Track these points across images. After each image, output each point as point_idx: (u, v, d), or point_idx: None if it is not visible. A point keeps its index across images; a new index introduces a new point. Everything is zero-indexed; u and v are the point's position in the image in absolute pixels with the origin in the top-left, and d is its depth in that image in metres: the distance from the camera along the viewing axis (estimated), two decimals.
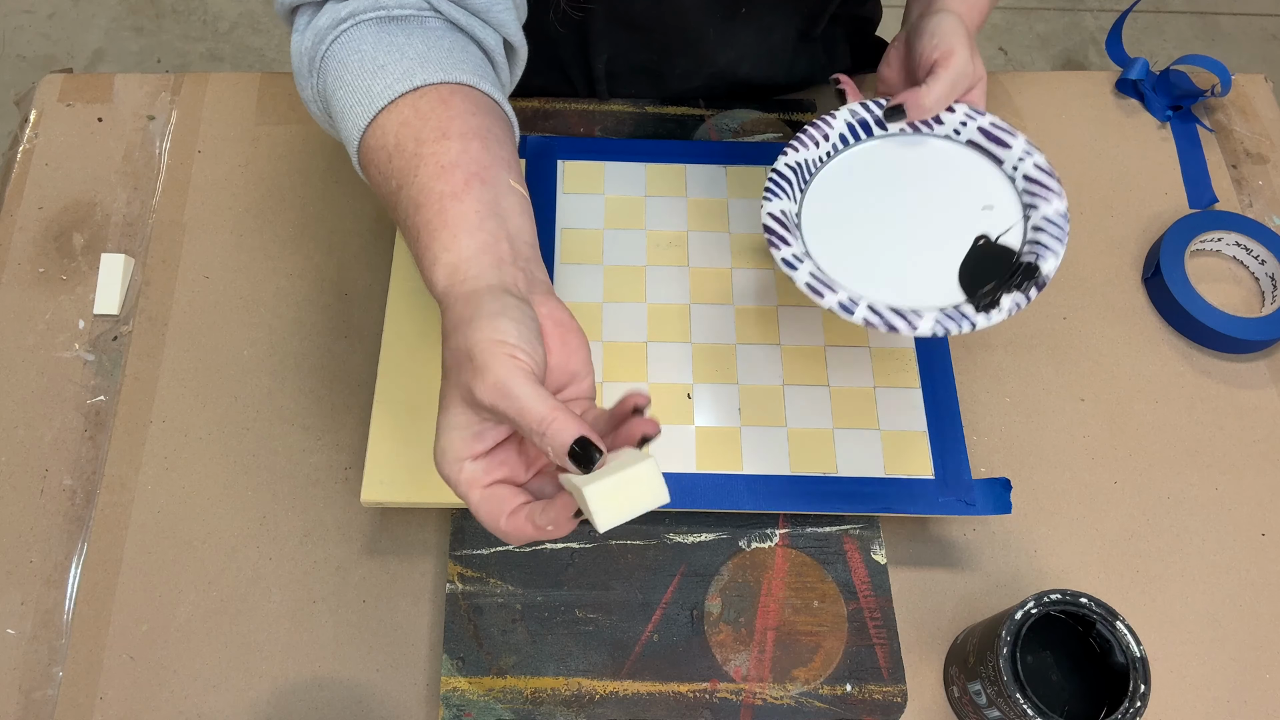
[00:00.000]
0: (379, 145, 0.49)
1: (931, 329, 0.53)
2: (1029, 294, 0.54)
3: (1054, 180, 0.57)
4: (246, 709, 0.58)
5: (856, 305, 0.53)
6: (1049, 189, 0.57)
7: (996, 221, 0.58)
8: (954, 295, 0.55)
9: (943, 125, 0.60)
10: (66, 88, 0.77)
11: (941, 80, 0.58)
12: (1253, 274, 0.75)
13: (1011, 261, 0.56)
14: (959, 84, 0.58)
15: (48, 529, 0.62)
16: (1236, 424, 0.69)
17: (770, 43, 0.74)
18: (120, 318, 0.69)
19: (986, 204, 0.58)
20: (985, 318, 0.53)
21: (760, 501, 0.60)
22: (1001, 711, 0.53)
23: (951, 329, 0.53)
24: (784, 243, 0.56)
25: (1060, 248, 0.55)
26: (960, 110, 0.60)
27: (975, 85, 0.60)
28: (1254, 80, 0.83)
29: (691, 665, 0.58)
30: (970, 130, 0.60)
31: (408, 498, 0.59)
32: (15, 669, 0.58)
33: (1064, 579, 0.63)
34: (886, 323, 0.53)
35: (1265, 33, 1.94)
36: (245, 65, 1.80)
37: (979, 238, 0.57)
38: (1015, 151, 0.59)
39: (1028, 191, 0.58)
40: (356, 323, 0.69)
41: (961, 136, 0.60)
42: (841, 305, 0.53)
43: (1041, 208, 0.57)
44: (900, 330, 0.52)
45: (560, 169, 0.71)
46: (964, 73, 0.58)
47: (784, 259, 0.55)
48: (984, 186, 0.59)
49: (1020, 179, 0.58)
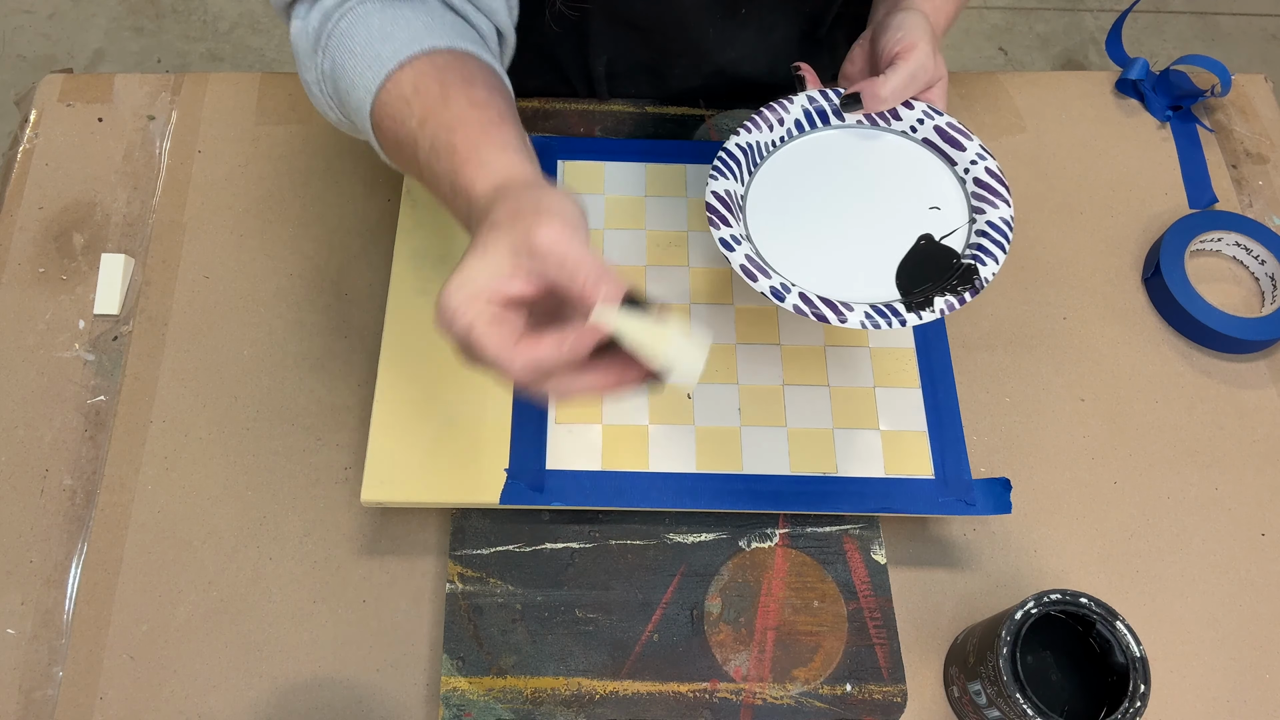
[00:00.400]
0: (395, 96, 0.50)
1: (860, 322, 0.52)
2: (963, 297, 0.53)
3: (1003, 187, 0.57)
4: (246, 709, 0.58)
5: (788, 292, 0.53)
6: (998, 194, 0.57)
7: (943, 222, 0.57)
8: (891, 291, 0.55)
9: (900, 121, 0.60)
10: (67, 88, 0.77)
11: (900, 72, 0.57)
12: (1253, 274, 0.75)
13: (951, 263, 0.55)
14: (918, 77, 0.58)
15: (48, 529, 0.62)
16: (1236, 424, 0.69)
17: (771, 42, 0.74)
18: (120, 318, 0.69)
19: (934, 204, 0.58)
20: (915, 316, 0.53)
21: (760, 501, 0.60)
22: (1001, 711, 0.53)
23: (880, 325, 0.52)
24: (724, 223, 0.56)
25: (1001, 254, 0.55)
26: (918, 108, 0.59)
27: (935, 84, 0.59)
28: (1254, 80, 0.83)
29: (691, 665, 0.58)
30: (926, 129, 0.59)
31: (408, 498, 0.59)
32: (15, 669, 0.58)
33: (1064, 579, 0.63)
34: (816, 312, 0.53)
35: (1265, 33, 1.94)
36: (245, 65, 1.80)
37: (921, 237, 0.57)
38: (969, 154, 0.58)
39: (977, 195, 0.57)
40: (356, 323, 0.69)
41: (918, 134, 0.60)
42: (774, 290, 0.53)
43: (989, 212, 0.56)
44: (830, 321, 0.53)
45: (560, 169, 0.71)
46: (924, 67, 0.57)
47: (722, 239, 0.55)
48: (934, 186, 0.59)
49: (971, 182, 0.58)
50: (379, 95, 0.51)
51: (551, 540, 0.61)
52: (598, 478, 0.60)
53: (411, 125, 0.49)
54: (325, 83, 0.54)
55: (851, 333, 0.66)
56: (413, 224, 0.68)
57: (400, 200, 0.70)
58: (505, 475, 0.60)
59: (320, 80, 0.54)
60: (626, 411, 0.63)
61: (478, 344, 0.42)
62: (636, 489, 0.60)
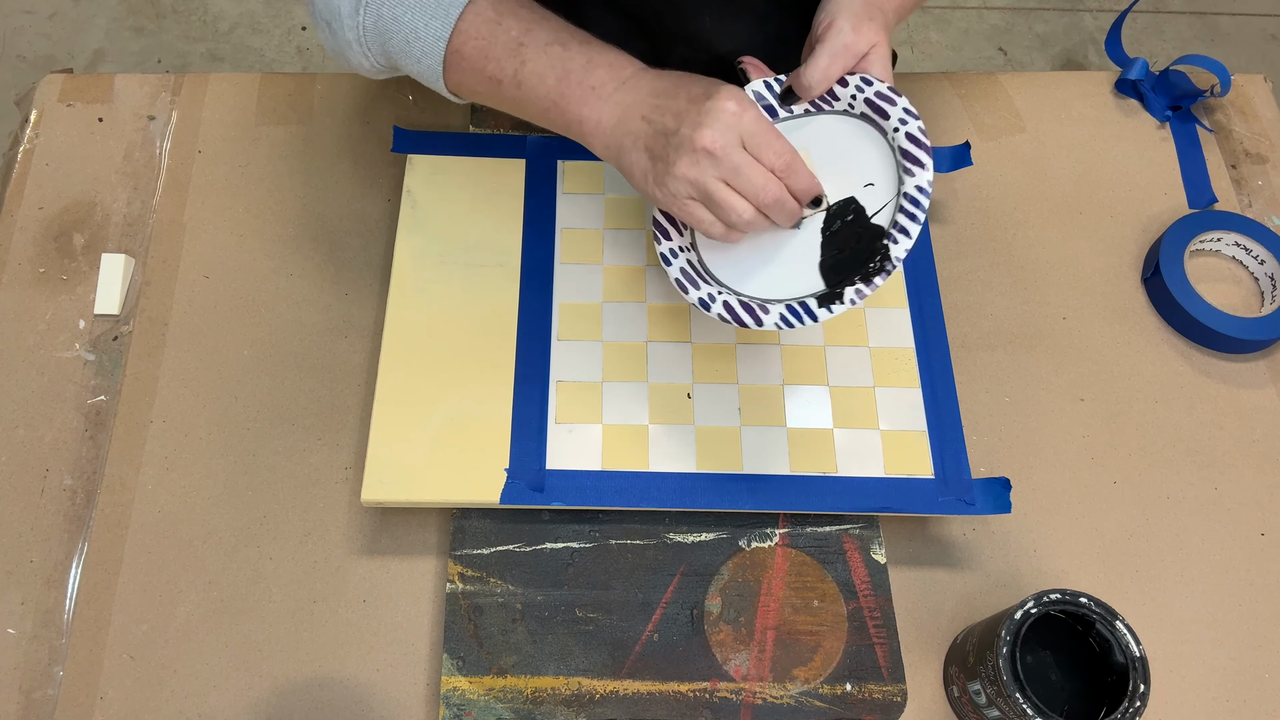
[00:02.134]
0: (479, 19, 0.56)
1: (775, 323, 0.53)
2: (873, 283, 0.52)
3: (922, 151, 0.53)
4: (246, 709, 0.58)
5: (714, 302, 0.55)
6: (917, 161, 0.53)
7: (874, 199, 0.55)
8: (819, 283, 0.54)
9: (839, 101, 0.57)
10: (67, 88, 0.77)
11: (820, 55, 0.56)
12: (1252, 274, 0.75)
13: (877, 245, 0.53)
14: (840, 56, 0.56)
15: (48, 529, 0.62)
16: (1236, 424, 0.69)
17: (766, 33, 0.74)
18: (120, 318, 0.69)
19: (869, 180, 0.55)
20: (825, 311, 0.52)
21: (760, 501, 0.60)
22: (1001, 711, 0.53)
23: (794, 323, 0.53)
24: (666, 237, 0.57)
25: (915, 226, 0.52)
26: (853, 82, 0.56)
27: (870, 52, 0.56)
28: (1253, 80, 0.83)
29: (691, 665, 0.58)
30: (860, 103, 0.56)
31: (408, 498, 0.60)
32: (15, 669, 0.58)
33: (1064, 579, 0.63)
34: (736, 318, 0.54)
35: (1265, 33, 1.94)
36: (245, 65, 1.80)
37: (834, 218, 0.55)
38: (892, 120, 0.55)
39: (902, 165, 0.54)
40: (356, 323, 0.69)
41: (855, 109, 0.57)
42: (701, 301, 0.55)
43: (907, 182, 0.53)
44: (749, 325, 0.53)
45: (560, 169, 0.72)
46: (844, 44, 0.55)
47: (662, 253, 0.57)
48: (869, 161, 0.56)
49: (898, 151, 0.54)
50: (458, 25, 0.56)
51: (551, 540, 0.61)
52: (598, 478, 0.61)
53: (514, 33, 0.56)
54: (368, 40, 0.59)
55: (851, 332, 0.66)
56: (413, 224, 0.68)
57: (400, 200, 0.70)
58: (505, 475, 0.60)
59: (361, 39, 0.59)
60: (626, 411, 0.63)
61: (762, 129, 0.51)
62: (636, 489, 0.60)
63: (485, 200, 0.70)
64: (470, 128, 0.74)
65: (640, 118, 0.54)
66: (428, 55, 0.58)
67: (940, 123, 0.79)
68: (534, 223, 0.69)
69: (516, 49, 0.56)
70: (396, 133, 0.72)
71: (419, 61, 0.58)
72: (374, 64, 0.61)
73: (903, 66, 1.83)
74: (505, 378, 0.63)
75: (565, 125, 0.57)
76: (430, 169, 0.71)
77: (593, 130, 0.55)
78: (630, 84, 0.55)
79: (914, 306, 0.67)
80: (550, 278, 0.67)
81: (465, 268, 0.67)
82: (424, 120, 0.77)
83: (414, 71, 0.60)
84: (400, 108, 0.77)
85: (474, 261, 0.67)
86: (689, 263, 0.57)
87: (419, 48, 0.58)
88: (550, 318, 0.66)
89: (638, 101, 0.54)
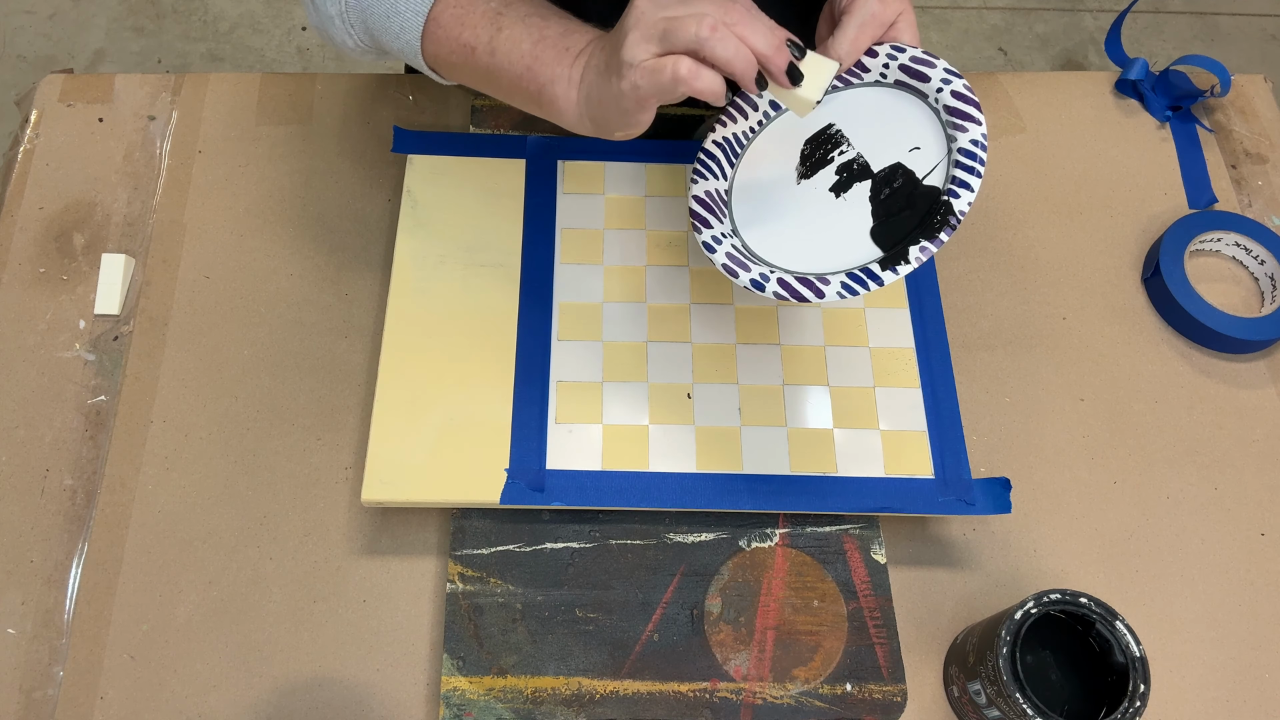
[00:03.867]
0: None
1: (837, 292, 0.51)
2: (938, 239, 0.51)
3: (972, 106, 0.53)
4: (246, 709, 0.58)
5: (767, 281, 0.53)
6: (968, 116, 0.53)
7: (924, 162, 0.54)
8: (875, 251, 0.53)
9: (869, 72, 0.57)
10: (67, 88, 0.77)
11: (848, 26, 0.55)
12: (1252, 274, 0.75)
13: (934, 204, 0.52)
14: (869, 26, 0.55)
15: (48, 529, 0.62)
16: (1236, 424, 0.69)
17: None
18: (121, 318, 0.69)
19: (914, 145, 0.55)
20: (890, 273, 0.51)
21: (760, 501, 0.60)
22: (1001, 711, 0.53)
23: (858, 289, 0.51)
24: (705, 225, 0.56)
25: (975, 180, 0.51)
26: (883, 52, 0.56)
27: (897, 20, 0.56)
28: (1253, 80, 0.83)
29: (691, 665, 0.58)
30: (894, 71, 0.56)
31: (408, 498, 0.60)
32: (16, 669, 0.58)
33: (1064, 579, 0.63)
34: (795, 294, 0.52)
35: (1265, 33, 1.94)
36: (245, 65, 1.80)
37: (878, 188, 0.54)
38: (934, 82, 0.54)
39: (950, 124, 0.53)
40: (356, 323, 0.69)
41: (889, 79, 0.56)
42: (753, 282, 0.53)
43: (959, 139, 0.52)
44: (809, 300, 0.52)
45: (560, 169, 0.72)
46: (872, 13, 0.55)
47: (704, 242, 0.55)
48: (912, 127, 0.55)
49: (943, 111, 0.54)
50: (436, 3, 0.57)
51: (551, 540, 0.61)
52: (598, 478, 0.61)
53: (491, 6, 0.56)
54: (349, 15, 0.60)
55: (851, 331, 0.66)
56: (413, 224, 0.68)
57: (400, 200, 0.70)
58: (505, 475, 0.60)
59: (343, 14, 0.60)
60: (626, 411, 0.63)
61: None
62: (636, 489, 0.60)
63: (485, 200, 0.70)
64: (470, 128, 0.74)
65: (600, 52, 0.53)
66: (407, 29, 0.58)
67: None
68: (534, 223, 0.69)
69: (495, 17, 0.56)
70: (396, 133, 0.72)
71: (398, 36, 0.59)
72: (356, 41, 0.62)
73: None
74: (505, 378, 0.63)
75: (537, 91, 0.56)
76: (430, 169, 0.71)
77: (564, 90, 0.54)
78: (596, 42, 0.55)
79: (914, 306, 0.67)
80: (550, 278, 0.67)
81: (465, 268, 0.67)
82: (424, 120, 0.77)
83: (394, 47, 0.60)
84: (400, 108, 0.77)
85: (474, 261, 0.67)
86: (734, 247, 0.55)
87: (398, 21, 0.58)
88: (550, 318, 0.66)
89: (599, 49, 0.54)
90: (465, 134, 0.73)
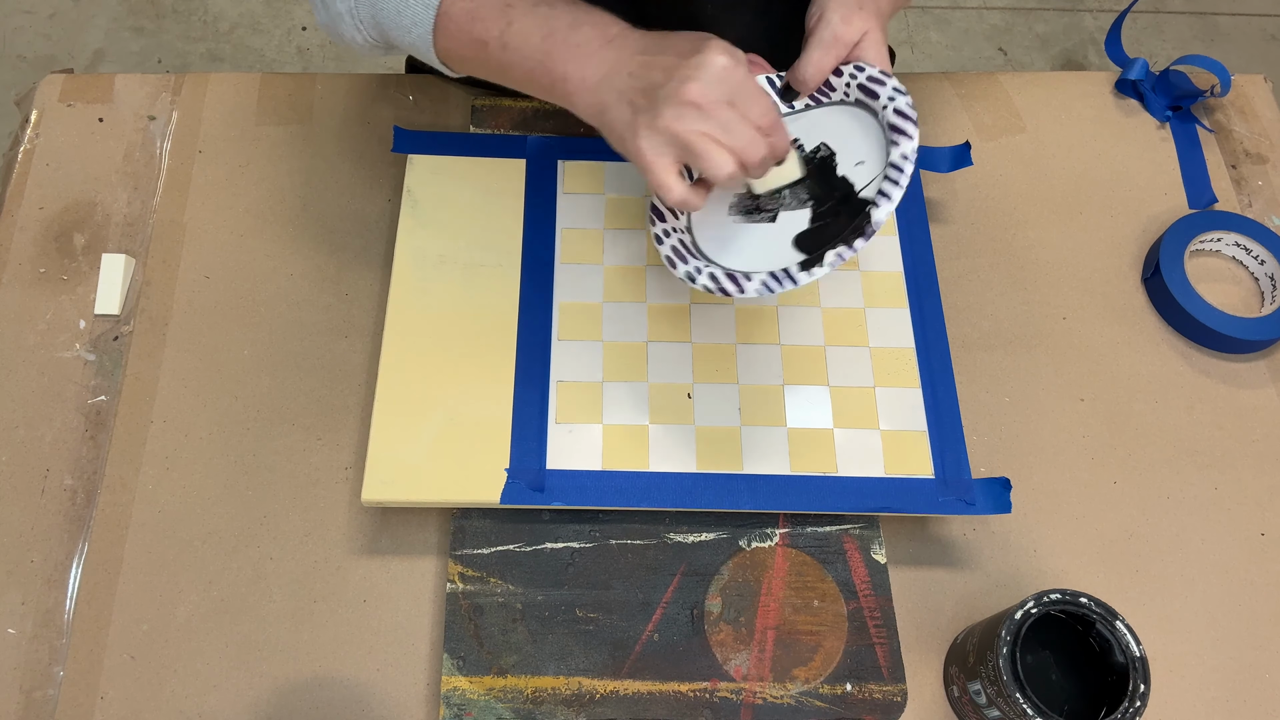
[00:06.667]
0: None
1: (756, 289, 0.54)
2: (853, 246, 0.52)
3: (909, 122, 0.54)
4: (246, 709, 0.58)
5: (699, 274, 0.56)
6: (903, 132, 0.54)
7: (864, 174, 0.56)
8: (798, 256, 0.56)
9: (835, 91, 0.59)
10: (67, 88, 0.77)
11: (812, 49, 0.57)
12: (1252, 274, 0.75)
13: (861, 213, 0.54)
14: (832, 48, 0.57)
15: (48, 529, 0.62)
16: (1236, 424, 0.69)
17: (769, 22, 0.74)
18: (121, 318, 0.69)
19: (859, 159, 0.56)
20: (806, 275, 0.53)
21: (760, 501, 0.60)
22: (1001, 711, 0.53)
23: (775, 288, 0.53)
24: (660, 219, 0.60)
25: (896, 190, 0.52)
26: (846, 72, 0.58)
27: (862, 40, 0.57)
28: (1253, 80, 0.83)
29: (691, 665, 0.58)
30: (854, 90, 0.58)
31: (408, 497, 0.60)
32: (16, 669, 0.58)
33: (1064, 579, 0.63)
34: (720, 288, 0.55)
35: (1265, 33, 1.94)
36: (245, 65, 1.80)
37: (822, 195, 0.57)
38: (882, 99, 0.56)
39: (890, 140, 0.55)
40: (356, 323, 0.69)
41: (850, 98, 0.58)
42: (688, 274, 0.57)
43: (892, 153, 0.54)
44: (731, 294, 0.54)
45: (560, 169, 0.72)
46: (835, 35, 0.56)
47: (655, 234, 0.59)
48: (861, 142, 0.57)
49: (887, 128, 0.56)
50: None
51: (551, 540, 0.61)
52: (598, 477, 0.61)
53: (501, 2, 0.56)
54: (360, 9, 0.59)
55: (851, 331, 0.66)
56: (413, 224, 0.68)
57: (400, 200, 0.70)
58: (505, 475, 0.60)
59: (351, 11, 0.60)
60: (626, 411, 0.63)
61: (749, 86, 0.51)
62: (636, 489, 0.60)
63: (485, 200, 0.70)
64: (470, 128, 0.74)
65: (626, 74, 0.53)
66: (418, 24, 0.58)
67: (940, 123, 0.79)
68: (534, 223, 0.69)
69: (504, 10, 0.56)
70: (396, 133, 0.72)
71: (409, 31, 0.58)
72: (366, 38, 0.61)
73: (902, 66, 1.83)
74: (505, 378, 0.63)
75: (550, 85, 0.56)
76: (430, 169, 0.71)
77: (576, 88, 0.55)
78: (617, 42, 0.54)
79: (914, 306, 0.67)
80: (550, 278, 0.67)
81: (465, 268, 0.67)
82: (424, 120, 0.77)
83: (404, 42, 0.60)
84: (400, 108, 0.77)
85: (474, 261, 0.67)
86: (680, 243, 0.59)
87: (409, 16, 0.58)
88: (550, 318, 0.66)
89: (624, 59, 0.54)
90: (465, 134, 0.73)
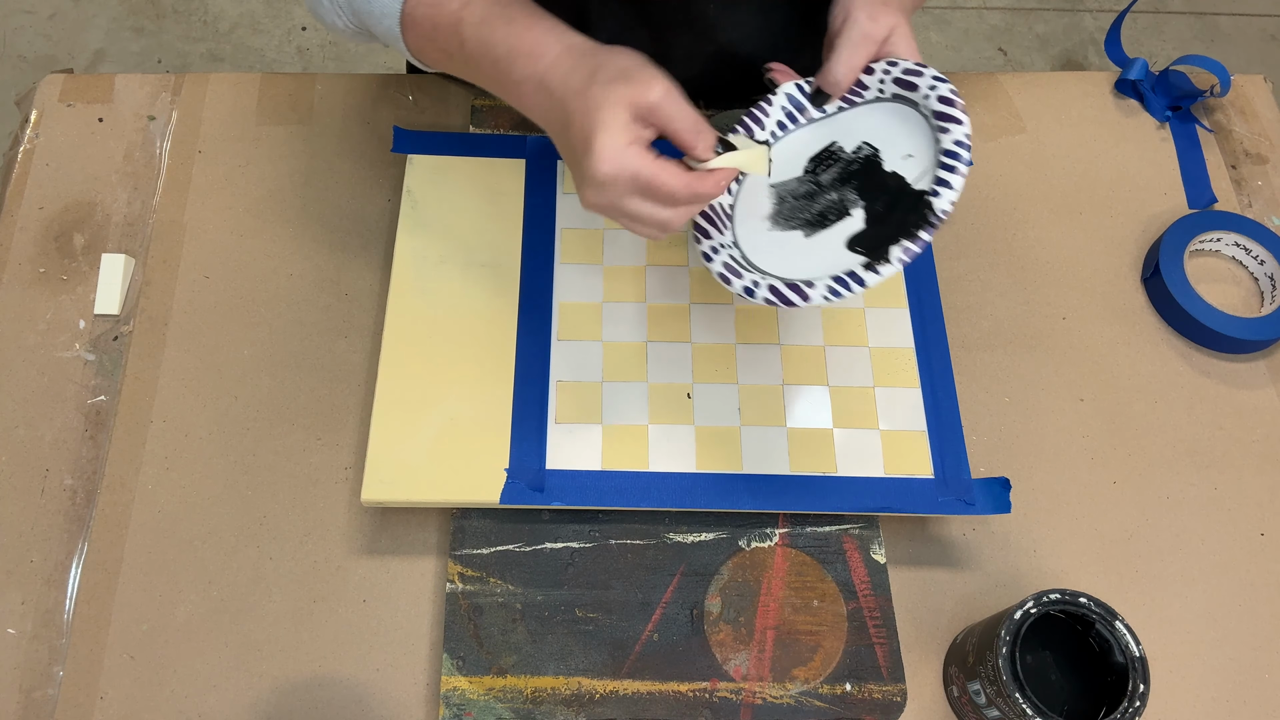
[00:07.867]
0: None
1: (822, 296, 0.52)
2: (918, 239, 0.51)
3: (956, 109, 0.53)
4: (246, 709, 0.58)
5: (757, 288, 0.54)
6: (952, 118, 0.53)
7: (915, 168, 0.55)
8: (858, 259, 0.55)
9: (869, 89, 0.58)
10: (67, 88, 0.77)
11: (841, 50, 0.56)
12: (1252, 274, 0.75)
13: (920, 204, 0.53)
14: (862, 46, 0.56)
15: (48, 529, 0.62)
16: (1236, 424, 0.69)
17: (772, 24, 0.74)
18: (121, 318, 0.69)
19: (907, 153, 0.56)
20: (874, 275, 0.52)
21: (760, 501, 0.60)
22: (1001, 711, 0.53)
23: (843, 292, 0.52)
24: (705, 236, 0.58)
25: (956, 179, 0.52)
26: (878, 68, 0.57)
27: (891, 35, 0.57)
28: (1253, 81, 0.84)
29: (691, 665, 0.58)
30: (889, 85, 0.57)
31: (408, 497, 0.60)
32: (16, 668, 0.58)
33: (1063, 579, 0.63)
34: (782, 299, 0.53)
35: (1265, 33, 1.94)
36: (245, 65, 1.80)
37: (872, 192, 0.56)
38: (922, 90, 0.55)
39: (938, 128, 0.54)
40: (356, 323, 0.69)
41: (886, 93, 0.58)
42: (745, 289, 0.54)
43: (943, 140, 0.54)
44: (795, 304, 0.53)
45: (560, 169, 0.72)
46: (864, 33, 0.56)
47: (703, 252, 0.57)
48: (905, 136, 0.56)
49: (931, 117, 0.55)
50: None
51: (551, 540, 0.61)
52: (598, 477, 0.61)
53: (454, 6, 0.55)
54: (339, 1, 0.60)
55: (851, 331, 0.66)
56: (413, 224, 0.68)
57: (400, 200, 0.70)
58: (505, 475, 0.60)
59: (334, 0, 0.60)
60: (626, 411, 0.63)
61: (654, 180, 0.49)
62: (636, 489, 0.60)
63: (485, 200, 0.70)
64: (470, 128, 0.74)
65: (553, 133, 0.54)
66: (386, 15, 0.58)
67: None
68: (534, 223, 0.69)
69: (456, 27, 0.56)
70: (396, 133, 0.72)
71: (380, 21, 0.59)
72: (345, 22, 0.62)
73: None
74: (505, 378, 0.63)
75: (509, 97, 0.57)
76: (430, 169, 0.71)
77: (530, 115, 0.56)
78: (544, 85, 0.53)
79: (914, 306, 0.67)
80: (550, 278, 0.67)
81: (465, 268, 0.67)
82: (424, 120, 0.77)
83: (378, 31, 0.60)
84: (400, 108, 0.77)
85: (474, 261, 0.67)
86: (731, 258, 0.57)
87: (379, 6, 0.58)
88: (550, 318, 0.66)
89: (550, 114, 0.53)
90: (465, 134, 0.73)
